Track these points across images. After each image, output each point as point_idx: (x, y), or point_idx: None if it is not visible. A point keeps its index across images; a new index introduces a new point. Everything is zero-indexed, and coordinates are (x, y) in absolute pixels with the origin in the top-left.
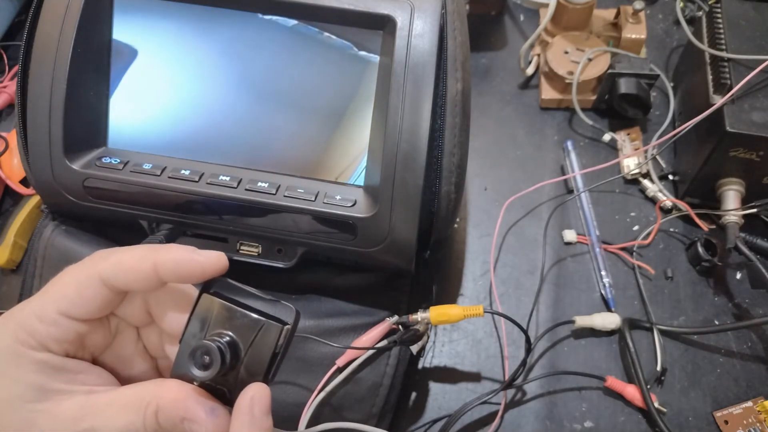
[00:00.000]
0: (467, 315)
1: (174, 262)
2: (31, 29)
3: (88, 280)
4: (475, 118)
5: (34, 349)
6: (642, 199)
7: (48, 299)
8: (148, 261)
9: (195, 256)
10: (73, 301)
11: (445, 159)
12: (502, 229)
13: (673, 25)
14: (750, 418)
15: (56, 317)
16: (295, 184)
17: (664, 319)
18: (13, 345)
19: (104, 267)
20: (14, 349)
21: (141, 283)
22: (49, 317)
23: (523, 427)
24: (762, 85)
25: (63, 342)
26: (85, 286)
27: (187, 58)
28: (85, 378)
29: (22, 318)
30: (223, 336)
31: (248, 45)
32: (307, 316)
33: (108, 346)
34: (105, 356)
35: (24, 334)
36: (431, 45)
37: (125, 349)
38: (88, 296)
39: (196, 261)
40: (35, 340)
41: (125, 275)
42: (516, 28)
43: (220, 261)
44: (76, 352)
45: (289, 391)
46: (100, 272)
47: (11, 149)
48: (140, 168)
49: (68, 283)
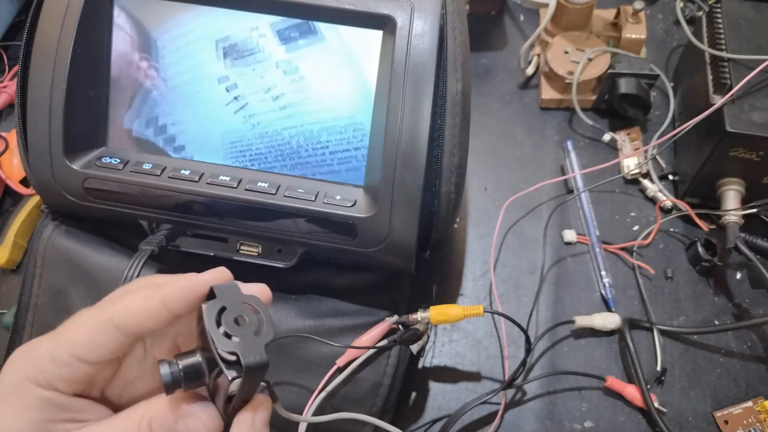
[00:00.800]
0: (467, 315)
1: (180, 293)
2: (31, 29)
3: (101, 325)
4: (475, 118)
5: (41, 386)
6: (642, 199)
7: (62, 342)
8: (155, 299)
9: (199, 279)
10: (86, 347)
11: (445, 159)
12: (502, 229)
13: (673, 25)
14: (750, 418)
15: (69, 360)
16: (295, 184)
17: (664, 319)
18: (21, 381)
19: (116, 314)
20: (21, 385)
21: (153, 323)
22: (61, 359)
23: (523, 427)
24: (762, 85)
25: (72, 382)
26: (99, 332)
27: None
28: (86, 416)
29: (35, 356)
30: (193, 356)
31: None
32: (307, 316)
33: (115, 375)
34: (112, 386)
35: (34, 372)
36: (431, 45)
37: (131, 372)
38: (101, 342)
39: (202, 282)
40: (44, 378)
41: (136, 319)
42: (516, 28)
43: (223, 276)
44: (83, 390)
45: (290, 391)
46: (113, 318)
47: (11, 149)
48: (140, 168)
49: (82, 327)
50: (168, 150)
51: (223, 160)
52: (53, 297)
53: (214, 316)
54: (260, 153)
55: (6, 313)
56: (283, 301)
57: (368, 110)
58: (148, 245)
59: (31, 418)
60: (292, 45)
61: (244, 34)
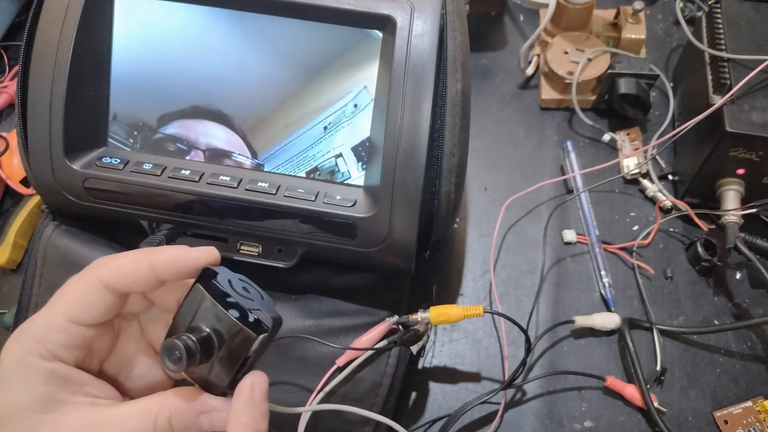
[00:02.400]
0: (467, 315)
1: (168, 261)
2: (31, 29)
3: (91, 287)
4: (475, 118)
5: (44, 358)
6: (642, 199)
7: (55, 310)
8: (144, 263)
9: (189, 253)
10: (79, 308)
11: (445, 159)
12: (502, 229)
13: (673, 25)
14: (750, 417)
15: (65, 324)
16: (295, 184)
17: (663, 318)
18: (23, 356)
19: (104, 273)
20: (25, 360)
21: (140, 284)
22: (58, 325)
23: (523, 426)
24: (762, 85)
25: (72, 348)
26: (89, 293)
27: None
28: (90, 390)
29: (32, 329)
30: (201, 332)
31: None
32: (307, 316)
33: (113, 348)
34: (110, 361)
35: (35, 344)
36: (431, 45)
37: (129, 347)
38: (93, 302)
39: (190, 257)
40: (45, 349)
41: (125, 278)
42: (516, 28)
43: (212, 255)
44: (84, 359)
45: (289, 390)
46: (101, 278)
47: (11, 149)
48: (140, 168)
49: (72, 292)
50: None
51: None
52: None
53: (227, 286)
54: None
55: (6, 313)
56: (283, 301)
57: (368, 110)
58: (148, 245)
59: (38, 392)
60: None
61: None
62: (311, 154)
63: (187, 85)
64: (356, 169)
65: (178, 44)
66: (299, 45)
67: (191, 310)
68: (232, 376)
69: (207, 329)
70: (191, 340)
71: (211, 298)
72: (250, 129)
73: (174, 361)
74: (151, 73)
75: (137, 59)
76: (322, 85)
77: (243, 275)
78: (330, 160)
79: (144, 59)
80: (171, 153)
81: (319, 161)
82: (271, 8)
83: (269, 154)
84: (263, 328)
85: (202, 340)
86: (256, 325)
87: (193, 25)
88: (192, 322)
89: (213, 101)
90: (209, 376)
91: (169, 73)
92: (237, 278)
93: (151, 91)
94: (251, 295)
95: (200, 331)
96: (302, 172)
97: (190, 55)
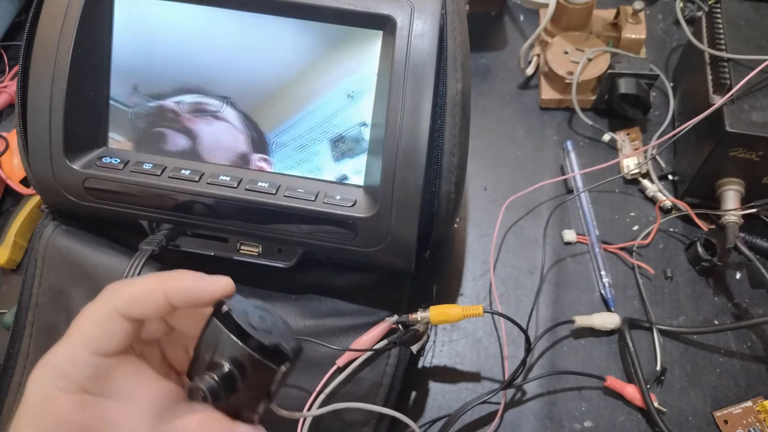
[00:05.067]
0: (467, 315)
1: (183, 291)
2: (31, 29)
3: (108, 316)
4: (475, 118)
5: (70, 392)
6: (642, 199)
7: (76, 342)
8: (158, 291)
9: (202, 284)
10: (100, 339)
11: (445, 159)
12: (501, 229)
13: (673, 25)
14: (749, 417)
15: (88, 358)
16: (295, 184)
17: (663, 318)
18: (50, 391)
19: (119, 301)
20: (52, 395)
21: (155, 312)
22: (81, 360)
23: (523, 426)
24: (762, 85)
25: (97, 380)
26: (107, 322)
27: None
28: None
29: (56, 364)
30: (222, 368)
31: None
32: (307, 316)
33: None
34: None
35: (61, 381)
36: (431, 45)
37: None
38: (112, 331)
39: (204, 289)
40: (72, 383)
41: (140, 307)
42: (516, 28)
43: (228, 286)
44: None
45: (290, 391)
46: (116, 307)
47: (11, 149)
48: (140, 168)
49: (90, 322)
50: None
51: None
52: (53, 297)
53: (243, 319)
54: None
55: (6, 312)
56: (283, 301)
57: (368, 110)
58: (148, 245)
59: (66, 426)
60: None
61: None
62: (334, 123)
63: (187, 72)
64: None
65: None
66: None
67: (210, 345)
68: (257, 405)
69: (228, 365)
70: (214, 380)
71: (228, 334)
72: (255, 110)
73: (200, 400)
74: (151, 61)
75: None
76: (339, 55)
77: (257, 300)
78: (355, 128)
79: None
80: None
81: (344, 129)
82: (271, 8)
83: (281, 130)
84: (284, 358)
85: (225, 377)
86: (277, 355)
87: (191, 22)
88: (213, 357)
89: (215, 88)
90: (236, 407)
91: (168, 60)
92: (252, 306)
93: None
94: (269, 325)
95: (221, 367)
96: (325, 141)
97: (188, 48)
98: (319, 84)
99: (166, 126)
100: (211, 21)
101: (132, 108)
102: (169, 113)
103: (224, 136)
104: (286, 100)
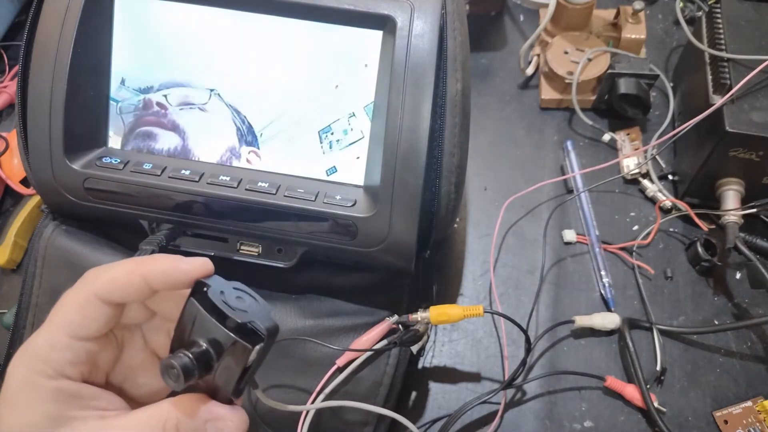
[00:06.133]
0: (467, 315)
1: (161, 273)
2: (31, 29)
3: (87, 300)
4: (475, 118)
5: (51, 377)
6: (642, 199)
7: (56, 327)
8: (136, 274)
9: (180, 265)
10: (79, 324)
11: (445, 159)
12: (501, 229)
13: (673, 25)
14: (749, 417)
15: (68, 342)
16: (295, 184)
17: (663, 318)
18: (29, 376)
19: (98, 286)
20: (31, 380)
21: (135, 295)
22: (61, 343)
23: (523, 426)
24: (762, 85)
25: (78, 364)
26: (86, 307)
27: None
28: (98, 403)
29: (36, 349)
30: (198, 346)
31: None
32: (307, 316)
33: (118, 359)
34: (115, 372)
35: (40, 364)
36: (431, 45)
37: (133, 357)
38: (91, 315)
39: (182, 269)
40: (51, 368)
41: (119, 290)
42: (516, 28)
43: (205, 267)
44: (90, 373)
45: (290, 391)
46: (96, 291)
47: (11, 149)
48: (140, 168)
49: (69, 307)
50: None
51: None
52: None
53: (219, 299)
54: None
55: (6, 313)
56: (283, 301)
57: (356, 100)
58: (148, 245)
59: (47, 411)
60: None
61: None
62: (323, 114)
63: (174, 66)
64: (368, 129)
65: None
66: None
67: (188, 325)
68: (234, 385)
69: (204, 344)
70: (188, 357)
71: (204, 313)
72: (243, 102)
73: (174, 378)
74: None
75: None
76: (327, 47)
77: (237, 282)
78: (343, 119)
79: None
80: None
81: (333, 120)
82: (271, 8)
83: (269, 122)
84: (259, 338)
85: (200, 355)
86: (253, 335)
87: (187, 20)
88: (190, 336)
89: (201, 80)
90: (213, 386)
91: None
92: (230, 287)
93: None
94: (246, 305)
95: (197, 345)
96: (314, 133)
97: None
98: (310, 77)
99: (154, 119)
100: (209, 20)
101: (119, 102)
102: (156, 106)
103: (212, 128)
104: (275, 93)
